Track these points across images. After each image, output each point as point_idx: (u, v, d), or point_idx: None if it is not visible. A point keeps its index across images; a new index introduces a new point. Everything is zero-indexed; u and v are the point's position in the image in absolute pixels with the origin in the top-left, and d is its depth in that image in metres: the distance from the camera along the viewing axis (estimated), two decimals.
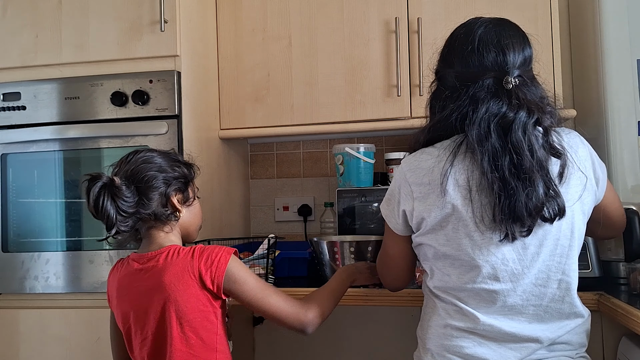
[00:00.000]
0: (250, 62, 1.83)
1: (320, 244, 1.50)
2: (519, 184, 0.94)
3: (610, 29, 1.62)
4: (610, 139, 1.62)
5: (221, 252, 1.10)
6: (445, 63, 1.09)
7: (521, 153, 0.94)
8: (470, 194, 0.98)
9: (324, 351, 1.96)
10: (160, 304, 1.07)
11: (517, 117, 0.95)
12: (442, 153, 1.01)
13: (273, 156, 2.16)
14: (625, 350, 1.23)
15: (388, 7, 1.75)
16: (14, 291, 1.58)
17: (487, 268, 0.99)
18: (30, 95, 1.60)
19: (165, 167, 1.14)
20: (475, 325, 1.00)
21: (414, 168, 1.05)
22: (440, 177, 0.99)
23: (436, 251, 1.03)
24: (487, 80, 1.00)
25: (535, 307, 1.00)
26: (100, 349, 1.52)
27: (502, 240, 0.96)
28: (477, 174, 0.97)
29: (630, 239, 1.34)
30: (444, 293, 1.05)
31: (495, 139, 0.95)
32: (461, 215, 0.99)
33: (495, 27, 1.05)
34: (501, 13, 1.70)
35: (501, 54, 1.00)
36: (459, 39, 1.07)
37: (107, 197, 1.05)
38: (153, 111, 1.53)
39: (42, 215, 1.61)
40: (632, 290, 1.29)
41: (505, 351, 1.00)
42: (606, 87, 1.63)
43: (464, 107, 0.99)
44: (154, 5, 1.53)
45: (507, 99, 0.97)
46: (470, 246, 0.99)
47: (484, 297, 1.00)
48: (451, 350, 1.02)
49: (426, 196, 1.02)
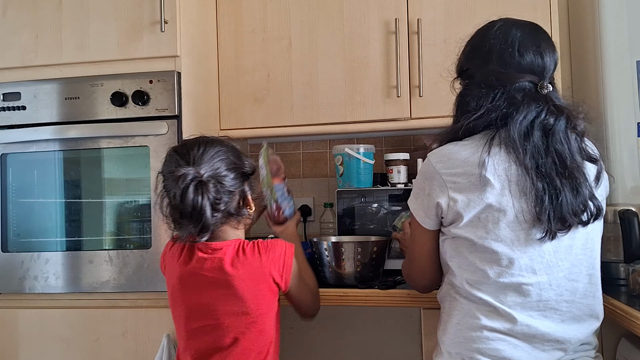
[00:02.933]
0: (250, 63, 1.84)
1: (320, 244, 1.50)
2: (566, 184, 0.97)
3: (610, 30, 1.62)
4: (609, 140, 1.62)
5: (286, 249, 1.19)
6: (479, 61, 1.08)
7: (563, 155, 0.98)
8: (510, 186, 0.98)
9: (323, 351, 1.96)
10: (226, 296, 1.12)
11: (558, 123, 0.99)
12: (476, 144, 1.02)
13: None
14: (625, 351, 1.23)
15: (388, 8, 1.75)
16: (13, 291, 1.58)
17: (524, 260, 0.99)
18: (30, 95, 1.60)
19: (238, 162, 1.19)
20: (512, 326, 0.99)
21: (445, 159, 1.04)
22: (478, 168, 0.99)
23: (473, 244, 1.01)
24: (524, 82, 1.02)
25: (568, 303, 1.01)
26: (100, 349, 1.53)
27: (542, 238, 0.98)
28: (515, 169, 0.99)
29: (630, 240, 1.34)
30: (477, 291, 1.02)
31: (537, 139, 0.98)
32: (502, 207, 0.99)
33: (532, 30, 1.08)
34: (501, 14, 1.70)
35: (539, 57, 1.04)
36: (496, 38, 1.07)
37: (203, 195, 1.08)
38: (153, 111, 1.53)
39: (41, 215, 1.61)
40: (632, 292, 1.29)
41: (538, 354, 1.00)
42: (606, 88, 1.63)
43: (503, 107, 1.01)
44: (154, 5, 1.53)
45: (545, 103, 1.00)
46: (510, 239, 0.99)
47: (520, 291, 0.99)
48: (486, 353, 0.99)
49: (463, 187, 1.01)
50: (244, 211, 1.20)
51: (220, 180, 1.12)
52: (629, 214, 1.35)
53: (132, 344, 1.51)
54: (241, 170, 1.19)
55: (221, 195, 1.12)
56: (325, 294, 1.42)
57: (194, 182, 1.08)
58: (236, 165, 1.18)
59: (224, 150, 1.17)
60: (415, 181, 1.11)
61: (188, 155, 1.13)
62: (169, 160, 1.17)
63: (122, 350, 1.51)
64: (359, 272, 1.46)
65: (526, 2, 1.69)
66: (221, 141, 1.20)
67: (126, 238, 1.56)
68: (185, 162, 1.12)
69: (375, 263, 1.47)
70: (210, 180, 1.10)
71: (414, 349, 1.82)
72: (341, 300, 1.42)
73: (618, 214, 1.38)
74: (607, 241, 1.48)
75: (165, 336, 1.46)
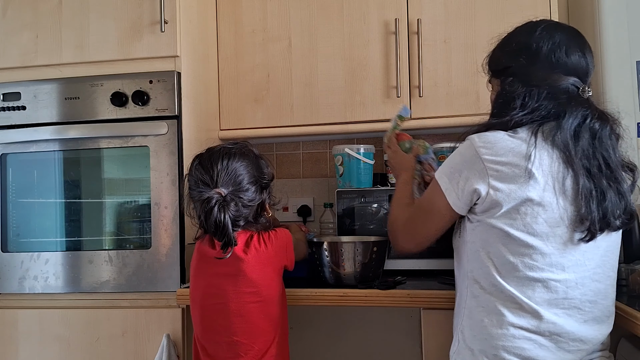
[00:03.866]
0: (250, 63, 1.84)
1: (320, 244, 1.50)
2: (612, 187, 0.98)
3: (610, 31, 1.62)
4: None
5: (287, 238, 1.34)
6: (523, 59, 1.08)
7: (609, 160, 1.00)
8: (555, 184, 0.98)
9: (323, 351, 1.96)
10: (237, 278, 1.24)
11: (604, 129, 1.01)
12: (522, 137, 1.00)
13: (273, 157, 2.16)
14: (625, 351, 1.23)
15: (388, 8, 1.75)
16: (13, 291, 1.58)
17: (556, 256, 0.99)
18: (30, 95, 1.60)
19: (258, 174, 1.29)
20: (538, 323, 0.99)
21: (490, 145, 1.01)
22: (524, 160, 0.98)
23: (508, 235, 1.00)
24: (568, 84, 1.04)
25: (591, 303, 1.01)
26: (100, 350, 1.53)
27: (582, 238, 0.99)
28: (562, 168, 0.98)
29: (630, 240, 1.34)
30: (505, 283, 1.00)
31: (586, 142, 0.99)
32: (544, 202, 0.98)
33: (576, 33, 1.09)
34: (501, 14, 1.71)
35: (584, 60, 1.07)
36: (543, 38, 1.07)
37: (224, 214, 1.19)
38: (153, 111, 1.53)
39: (41, 215, 1.61)
40: (632, 292, 1.29)
41: (564, 354, 1.00)
42: (605, 88, 1.63)
43: (550, 107, 1.01)
44: (154, 5, 1.53)
45: (590, 108, 1.02)
46: (545, 234, 0.98)
47: (547, 287, 0.99)
48: (511, 352, 0.99)
49: (506, 177, 0.99)
50: (262, 219, 1.32)
51: (240, 196, 1.24)
52: None
53: (131, 344, 1.51)
54: (261, 182, 1.29)
55: (241, 211, 1.24)
56: (325, 294, 1.42)
57: (218, 204, 1.19)
58: (256, 178, 1.28)
59: (246, 165, 1.27)
60: (452, 160, 1.07)
61: (212, 171, 1.23)
62: (194, 172, 1.26)
63: (121, 350, 1.51)
64: (359, 272, 1.46)
65: (526, 2, 1.69)
66: (243, 153, 1.29)
67: (126, 238, 1.56)
68: (209, 178, 1.22)
69: (375, 263, 1.47)
70: (233, 199, 1.22)
71: (414, 349, 1.81)
72: (341, 301, 1.41)
73: None
74: None
75: (165, 336, 1.46)
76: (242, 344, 1.24)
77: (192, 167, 1.29)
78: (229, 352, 1.25)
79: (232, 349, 1.25)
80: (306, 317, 1.51)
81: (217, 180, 1.22)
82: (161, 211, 1.51)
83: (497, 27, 1.69)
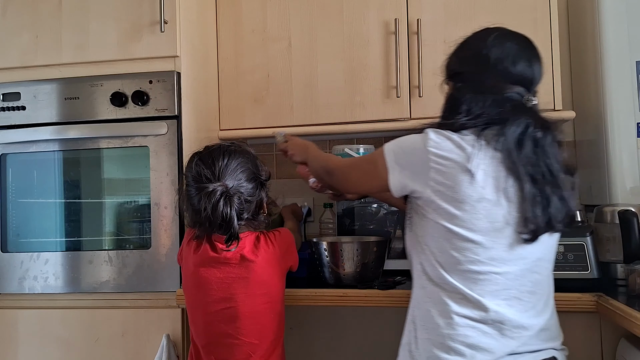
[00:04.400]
0: (250, 63, 1.84)
1: (320, 244, 1.50)
2: (555, 192, 1.02)
3: (610, 31, 1.62)
4: (609, 140, 1.62)
5: (289, 237, 1.37)
6: (474, 67, 1.12)
7: (551, 167, 1.03)
8: (496, 185, 1.01)
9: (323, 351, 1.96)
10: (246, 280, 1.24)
11: (546, 137, 1.04)
12: (467, 138, 1.03)
13: (272, 157, 2.16)
14: (624, 351, 1.23)
15: (388, 9, 1.75)
16: (13, 291, 1.58)
17: (498, 251, 1.02)
18: (30, 95, 1.60)
19: (257, 172, 1.30)
20: (481, 313, 1.02)
21: (440, 140, 1.04)
22: (465, 159, 1.01)
23: (449, 231, 1.03)
24: (513, 93, 1.08)
25: (530, 294, 1.05)
26: (100, 350, 1.53)
27: (527, 240, 1.02)
28: (504, 173, 1.01)
29: (629, 240, 1.34)
30: (449, 276, 1.04)
31: (529, 150, 1.02)
32: (484, 200, 1.01)
33: (525, 43, 1.12)
34: (501, 14, 1.71)
35: (529, 70, 1.09)
36: (493, 47, 1.10)
37: (231, 207, 1.19)
38: (153, 112, 1.53)
39: (41, 215, 1.61)
40: (631, 292, 1.29)
41: (507, 341, 1.03)
42: (605, 88, 1.63)
43: (492, 114, 1.05)
44: (154, 5, 1.53)
45: (532, 116, 1.05)
46: (486, 229, 1.02)
47: (489, 279, 1.02)
48: (456, 340, 1.02)
49: (446, 173, 1.02)
50: (260, 217, 1.32)
51: (242, 191, 1.24)
52: (628, 214, 1.35)
53: (131, 344, 1.51)
54: (259, 180, 1.30)
55: (244, 205, 1.24)
56: (325, 294, 1.42)
57: (223, 197, 1.20)
58: (255, 175, 1.29)
59: (245, 161, 1.28)
60: (404, 142, 1.11)
61: (213, 166, 1.23)
62: (195, 168, 1.26)
63: (121, 350, 1.51)
64: (359, 273, 1.46)
65: (526, 2, 1.69)
66: (242, 151, 1.30)
67: (126, 238, 1.56)
68: (210, 173, 1.22)
69: (374, 263, 1.47)
70: (236, 193, 1.22)
71: None
72: (341, 301, 1.42)
73: (618, 214, 1.38)
74: (607, 241, 1.48)
75: (165, 336, 1.46)
76: (251, 344, 1.24)
77: (191, 164, 1.28)
78: (239, 353, 1.24)
79: (242, 350, 1.24)
80: (306, 317, 1.51)
81: (220, 174, 1.23)
82: (161, 211, 1.51)
83: None
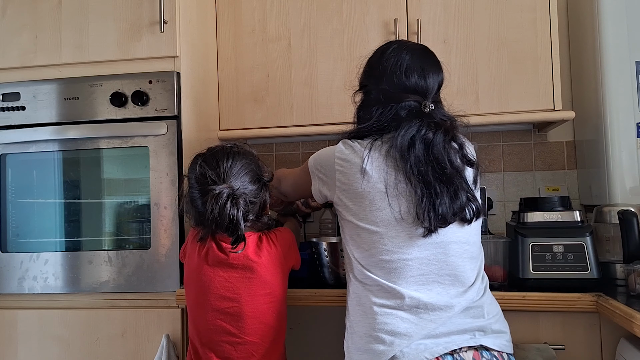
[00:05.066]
0: (249, 63, 1.84)
1: (320, 244, 1.50)
2: (444, 189, 1.09)
3: (609, 31, 1.62)
4: (609, 140, 1.62)
5: (290, 236, 1.36)
6: (373, 79, 1.22)
7: (442, 164, 1.10)
8: (387, 183, 1.10)
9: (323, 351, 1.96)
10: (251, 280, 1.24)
11: (436, 137, 1.12)
12: (364, 143, 1.16)
13: (272, 157, 2.16)
14: (624, 351, 1.23)
15: (387, 9, 1.75)
16: (12, 291, 1.58)
17: (404, 239, 1.10)
18: (29, 95, 1.60)
19: (260, 172, 1.30)
20: (397, 300, 1.08)
21: (345, 148, 1.18)
22: (361, 160, 1.13)
23: (357, 226, 1.14)
24: (409, 102, 1.16)
25: (450, 276, 1.10)
26: (99, 350, 1.53)
27: (423, 234, 1.09)
28: (393, 174, 1.11)
29: (629, 240, 1.34)
30: (366, 270, 1.12)
31: (419, 151, 1.11)
32: (381, 195, 1.10)
33: (420, 54, 1.21)
34: (501, 14, 1.71)
35: (422, 80, 1.17)
36: (388, 61, 1.20)
37: (237, 209, 1.20)
38: (152, 112, 1.53)
39: (41, 215, 1.61)
40: (631, 292, 1.29)
41: (425, 323, 1.07)
42: (605, 88, 1.63)
43: (385, 121, 1.16)
44: (154, 6, 1.53)
45: (427, 120, 1.14)
46: (389, 222, 1.10)
47: (402, 266, 1.09)
48: (376, 328, 1.08)
49: (346, 174, 1.15)
50: (264, 218, 1.33)
51: (247, 193, 1.24)
52: (628, 214, 1.35)
53: (131, 344, 1.51)
54: (263, 181, 1.31)
55: (249, 207, 1.25)
56: (325, 294, 1.42)
57: (230, 199, 1.20)
58: (258, 176, 1.29)
59: (248, 163, 1.28)
60: (322, 153, 1.24)
61: (218, 168, 1.23)
62: (199, 170, 1.25)
63: (121, 350, 1.51)
64: None
65: (526, 3, 1.69)
66: (245, 152, 1.31)
67: (125, 238, 1.56)
68: (215, 175, 1.23)
69: None
70: (242, 195, 1.23)
71: None
72: (341, 301, 1.41)
73: (617, 215, 1.38)
74: (606, 241, 1.48)
75: (165, 336, 1.46)
76: (254, 343, 1.24)
77: (194, 165, 1.27)
78: (241, 352, 1.24)
79: (244, 349, 1.24)
80: (306, 317, 1.51)
81: (225, 176, 1.22)
82: (161, 211, 1.51)
83: (496, 28, 1.72)
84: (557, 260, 1.37)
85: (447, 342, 1.06)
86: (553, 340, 1.34)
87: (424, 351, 1.05)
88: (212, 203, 1.19)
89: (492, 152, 2.04)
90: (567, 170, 1.99)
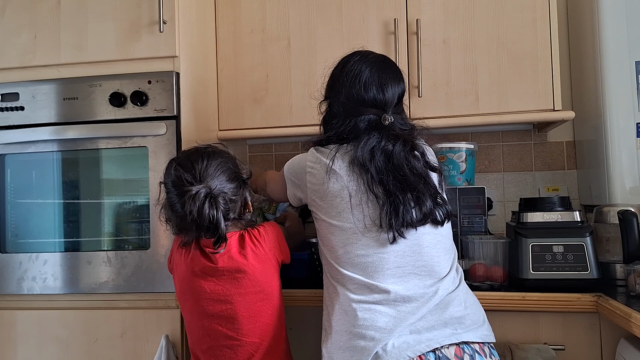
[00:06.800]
0: (249, 63, 1.83)
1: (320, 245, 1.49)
2: (408, 196, 1.12)
3: (609, 31, 1.62)
4: (608, 140, 1.62)
5: (277, 231, 1.34)
6: (334, 92, 1.26)
7: (403, 173, 1.13)
8: (351, 188, 1.14)
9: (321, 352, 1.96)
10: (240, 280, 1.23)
11: (395, 148, 1.15)
12: (330, 147, 1.21)
13: (272, 157, 2.16)
14: (624, 352, 1.23)
15: (387, 9, 1.75)
16: (11, 292, 1.58)
17: (376, 233, 1.12)
18: (28, 95, 1.59)
19: (237, 171, 1.28)
20: (374, 295, 1.10)
21: (315, 153, 1.22)
22: (329, 161, 1.18)
23: (330, 225, 1.17)
24: (369, 115, 1.19)
25: (426, 267, 1.13)
26: (99, 350, 1.52)
27: (392, 242, 1.11)
28: (354, 183, 1.14)
29: (629, 240, 1.34)
30: (342, 268, 1.15)
31: (380, 162, 1.14)
32: (350, 194, 1.15)
33: (379, 67, 1.24)
34: (500, 14, 1.71)
35: (381, 94, 1.20)
36: (347, 75, 1.23)
37: (217, 209, 1.18)
38: (152, 112, 1.53)
39: (40, 215, 1.61)
40: (630, 292, 1.29)
41: (403, 315, 1.09)
42: (605, 88, 1.63)
43: (345, 133, 1.19)
44: (153, 6, 1.53)
45: (386, 132, 1.17)
46: (358, 219, 1.14)
47: (378, 261, 1.12)
48: (356, 324, 1.09)
49: (315, 176, 1.19)
50: (246, 215, 1.30)
51: (226, 191, 1.22)
52: (628, 214, 1.35)
53: (130, 345, 1.51)
54: (241, 178, 1.29)
55: (229, 206, 1.23)
56: None
57: (208, 198, 1.18)
58: (236, 174, 1.27)
59: (224, 161, 1.26)
60: (295, 161, 1.28)
61: (194, 170, 1.21)
62: (174, 173, 1.23)
63: (120, 351, 1.51)
64: None
65: (526, 3, 1.69)
66: (220, 151, 1.28)
67: (124, 239, 1.56)
68: (191, 177, 1.20)
69: None
70: (220, 194, 1.21)
71: None
72: None
73: (617, 215, 1.38)
74: (606, 241, 1.48)
75: (164, 337, 1.46)
76: (253, 343, 1.24)
77: (169, 170, 1.25)
78: (242, 353, 1.24)
79: (244, 350, 1.24)
80: (306, 317, 1.51)
81: (201, 177, 1.20)
82: None
83: (496, 28, 1.71)
84: (557, 260, 1.37)
85: (429, 340, 1.07)
86: (553, 341, 1.34)
87: (406, 349, 1.05)
88: (190, 204, 1.17)
89: (492, 152, 2.04)
90: (567, 170, 1.99)
